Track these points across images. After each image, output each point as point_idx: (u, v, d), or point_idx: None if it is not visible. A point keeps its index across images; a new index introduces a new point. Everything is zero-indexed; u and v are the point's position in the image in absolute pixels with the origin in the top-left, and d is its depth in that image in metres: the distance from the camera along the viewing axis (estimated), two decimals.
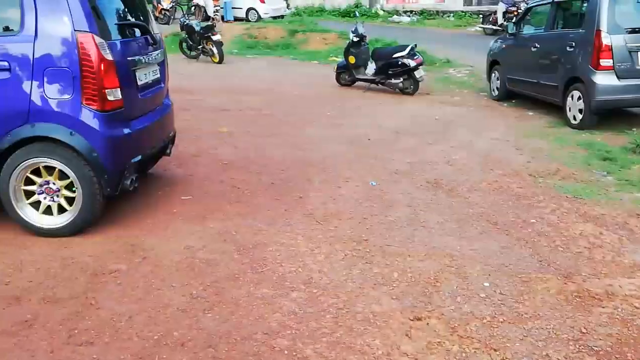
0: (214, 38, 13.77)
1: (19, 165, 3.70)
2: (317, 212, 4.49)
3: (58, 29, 3.63)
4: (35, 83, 3.62)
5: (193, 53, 14.49)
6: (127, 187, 4.01)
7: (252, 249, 3.79)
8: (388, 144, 6.71)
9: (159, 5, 21.34)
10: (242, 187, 5.07)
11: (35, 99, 3.63)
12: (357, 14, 11.08)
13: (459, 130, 7.44)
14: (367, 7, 25.67)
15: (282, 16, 22.20)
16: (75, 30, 3.61)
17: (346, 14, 24.96)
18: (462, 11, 24.05)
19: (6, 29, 3.68)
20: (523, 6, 15.92)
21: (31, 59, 3.60)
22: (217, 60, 13.90)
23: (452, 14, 24.10)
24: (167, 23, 20.53)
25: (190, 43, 14.42)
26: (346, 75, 10.85)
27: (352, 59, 10.47)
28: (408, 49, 9.72)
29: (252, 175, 5.40)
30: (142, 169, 4.43)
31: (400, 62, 9.70)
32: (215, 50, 13.86)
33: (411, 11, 24.91)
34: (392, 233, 4.09)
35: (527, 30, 9.02)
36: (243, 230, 4.10)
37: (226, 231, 4.07)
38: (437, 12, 24.68)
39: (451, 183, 5.22)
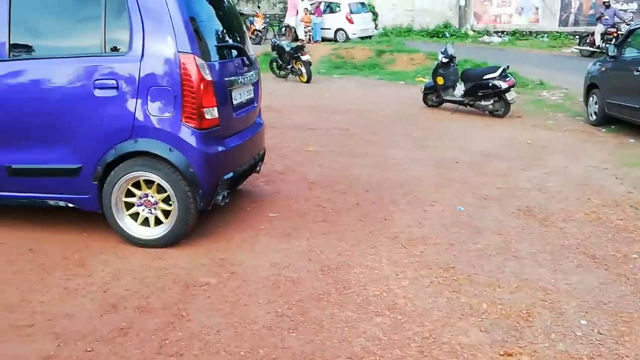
0: (303, 58, 14.06)
1: (121, 178, 3.92)
2: (402, 235, 4.43)
3: (163, 50, 3.83)
4: (139, 101, 3.83)
5: (282, 72, 14.85)
6: (219, 202, 4.14)
7: (336, 269, 3.79)
8: (477, 167, 6.53)
9: (251, 26, 22.14)
10: (327, 206, 5.10)
11: (139, 115, 3.84)
12: (447, 34, 10.89)
13: (553, 155, 7.12)
14: (457, 27, 25.27)
15: (369, 36, 22.31)
16: (178, 52, 3.80)
17: (434, 34, 24.71)
18: (557, 32, 23.13)
19: (115, 49, 3.91)
20: (623, 27, 15.14)
21: (137, 78, 3.81)
22: (305, 79, 14.17)
23: (546, 35, 23.24)
24: (259, 43, 21.22)
25: (280, 63, 14.80)
26: (434, 96, 10.72)
27: (440, 80, 10.33)
28: (499, 70, 9.47)
29: (337, 195, 5.43)
30: (233, 185, 4.56)
31: (490, 84, 9.46)
32: (303, 69, 14.14)
33: (502, 31, 24.27)
34: (481, 262, 3.96)
35: (630, 52, 8.54)
36: (328, 250, 4.11)
37: (311, 250, 4.10)
38: (530, 32, 23.88)
39: (544, 211, 4.99)
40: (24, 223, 4.46)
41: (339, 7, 22.14)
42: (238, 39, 4.79)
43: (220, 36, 4.55)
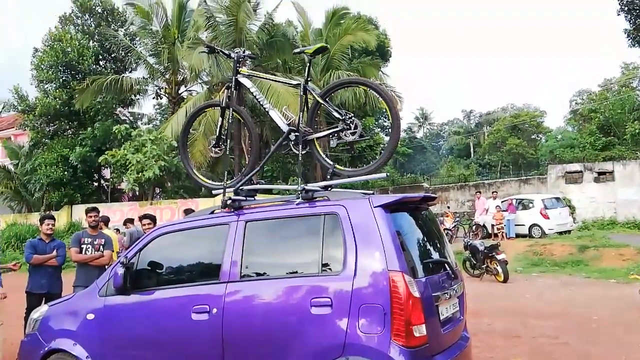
0: (498, 257, 13.74)
1: None
2: None
3: (373, 268, 4.03)
4: (351, 318, 3.95)
5: (476, 272, 14.55)
6: None
7: None
8: None
9: (442, 225, 22.54)
10: None
11: (350, 333, 3.93)
12: None
13: None
14: None
15: (568, 231, 21.21)
16: (387, 270, 3.97)
17: None
18: None
19: (330, 269, 4.20)
20: None
21: (350, 297, 4.00)
22: (501, 279, 13.66)
23: None
24: (450, 242, 21.27)
25: (474, 262, 14.60)
26: None
27: None
28: None
29: None
30: None
31: None
32: (499, 268, 13.73)
33: None
34: None
35: None
36: None
37: None
38: None
39: None
40: None
41: (532, 203, 21.79)
42: (441, 250, 4.91)
43: (425, 250, 4.71)
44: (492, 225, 21.29)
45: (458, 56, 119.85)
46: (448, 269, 4.71)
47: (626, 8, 24.27)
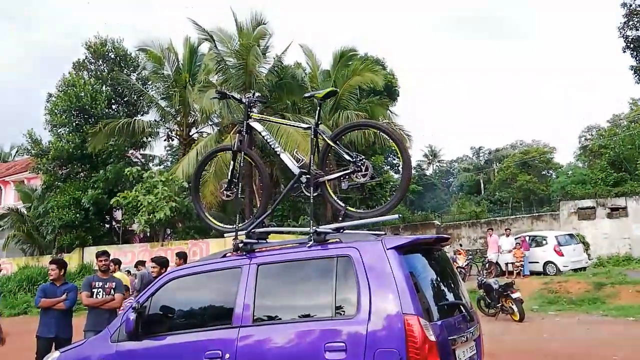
0: (514, 296, 13.51)
1: None
2: None
3: (388, 311, 3.97)
4: None
5: (492, 311, 14.30)
6: None
7: None
8: None
9: (455, 263, 22.29)
10: None
11: None
12: None
13: None
14: None
15: (583, 268, 20.86)
16: (402, 313, 3.91)
17: None
18: None
19: (344, 312, 4.14)
20: None
21: (364, 341, 3.93)
22: (517, 318, 13.41)
23: None
24: (463, 280, 20.99)
25: (489, 301, 14.36)
26: None
27: None
28: None
29: None
30: None
31: None
32: (515, 307, 13.48)
33: None
34: None
35: None
36: None
37: None
38: None
39: None
40: None
41: (545, 240, 21.53)
42: (456, 291, 4.84)
43: (440, 291, 4.66)
44: (506, 264, 21.00)
45: (466, 93, 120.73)
46: (464, 311, 4.64)
47: (631, 45, 24.48)
